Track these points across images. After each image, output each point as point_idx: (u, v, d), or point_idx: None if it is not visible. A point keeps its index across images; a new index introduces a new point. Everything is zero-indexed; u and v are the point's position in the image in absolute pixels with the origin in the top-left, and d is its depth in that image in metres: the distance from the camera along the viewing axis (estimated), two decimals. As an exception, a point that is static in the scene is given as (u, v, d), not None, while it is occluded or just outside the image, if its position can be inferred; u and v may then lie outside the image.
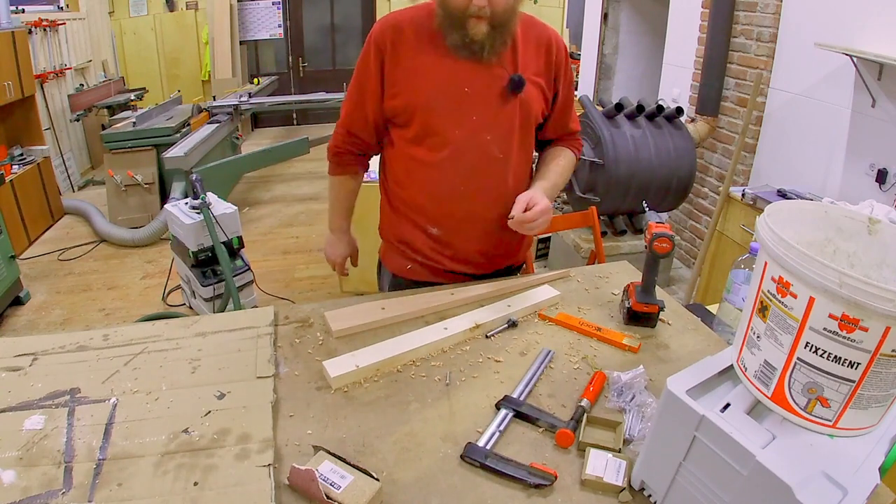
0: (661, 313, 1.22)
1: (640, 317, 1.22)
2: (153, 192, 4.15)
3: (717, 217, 2.95)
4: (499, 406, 0.97)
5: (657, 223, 1.20)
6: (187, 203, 2.83)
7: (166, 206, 2.99)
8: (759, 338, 0.69)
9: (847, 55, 2.45)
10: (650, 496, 0.80)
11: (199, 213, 2.69)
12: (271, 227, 4.32)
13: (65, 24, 4.92)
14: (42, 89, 4.51)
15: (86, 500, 0.77)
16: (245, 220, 4.25)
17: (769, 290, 0.67)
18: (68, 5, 5.26)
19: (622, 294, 1.31)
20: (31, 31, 4.35)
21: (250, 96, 5.28)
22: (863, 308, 0.57)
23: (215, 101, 5.09)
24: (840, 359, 0.61)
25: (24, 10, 4.52)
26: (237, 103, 4.98)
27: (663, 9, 3.91)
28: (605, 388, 1.03)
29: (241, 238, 2.85)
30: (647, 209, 3.09)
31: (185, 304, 3.20)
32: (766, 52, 3.00)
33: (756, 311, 0.70)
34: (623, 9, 4.72)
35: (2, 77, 3.73)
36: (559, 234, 3.36)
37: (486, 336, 1.19)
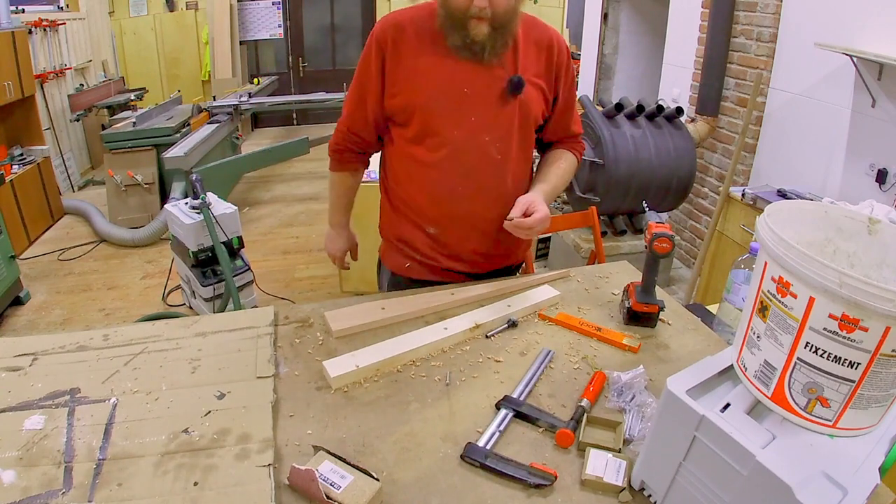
0: (661, 313, 1.22)
1: (640, 317, 1.22)
2: (153, 192, 4.15)
3: (717, 217, 2.95)
4: (499, 406, 0.97)
5: (657, 223, 1.20)
6: (187, 203, 2.83)
7: (166, 206, 2.99)
8: (759, 338, 0.69)
9: (847, 55, 2.45)
10: (650, 496, 0.80)
11: (199, 213, 2.69)
12: (271, 227, 4.32)
13: (65, 24, 4.91)
14: (42, 89, 4.51)
15: (86, 500, 0.77)
16: (245, 220, 4.25)
17: (769, 290, 0.67)
18: (68, 5, 5.26)
19: (622, 294, 1.31)
20: (31, 31, 4.35)
21: (250, 96, 5.28)
22: (863, 308, 0.57)
23: (215, 101, 5.09)
24: (840, 359, 0.61)
25: (24, 10, 4.52)
26: (237, 103, 4.98)
27: (663, 9, 3.91)
28: (605, 388, 1.03)
29: (241, 238, 2.85)
30: (647, 209, 3.09)
31: (185, 304, 3.20)
32: (766, 52, 3.00)
33: (756, 311, 0.70)
34: (623, 9, 4.72)
35: (2, 77, 3.73)
36: (559, 234, 3.36)
37: (486, 336, 1.19)
